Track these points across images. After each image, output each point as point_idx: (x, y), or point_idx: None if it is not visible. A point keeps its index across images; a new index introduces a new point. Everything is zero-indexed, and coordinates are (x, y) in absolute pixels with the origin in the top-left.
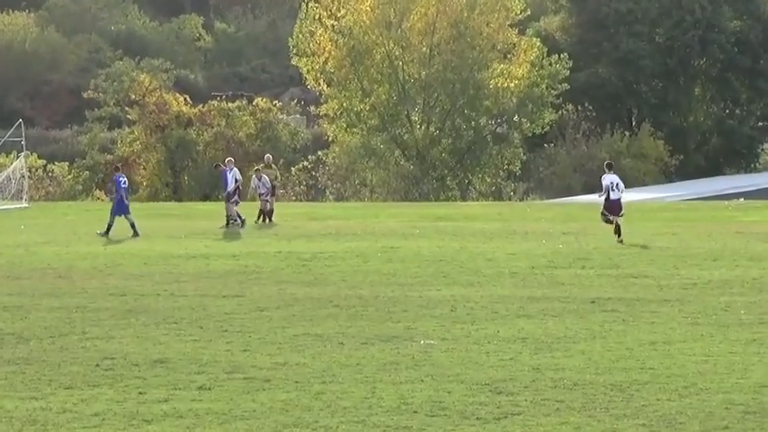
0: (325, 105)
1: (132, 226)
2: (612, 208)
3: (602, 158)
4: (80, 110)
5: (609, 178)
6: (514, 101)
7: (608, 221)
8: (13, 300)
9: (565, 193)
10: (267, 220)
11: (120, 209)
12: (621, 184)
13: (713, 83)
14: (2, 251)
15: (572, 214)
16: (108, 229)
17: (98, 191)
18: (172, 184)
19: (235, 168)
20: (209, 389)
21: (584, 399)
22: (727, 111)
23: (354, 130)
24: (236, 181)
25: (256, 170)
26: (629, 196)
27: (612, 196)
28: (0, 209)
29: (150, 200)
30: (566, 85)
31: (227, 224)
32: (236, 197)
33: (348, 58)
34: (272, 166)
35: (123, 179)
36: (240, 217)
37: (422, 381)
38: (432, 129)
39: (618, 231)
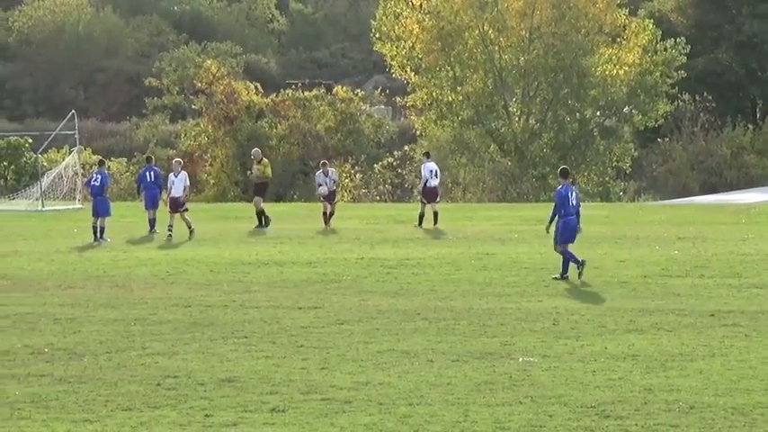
0: (412, 95)
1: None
2: (429, 194)
3: (723, 155)
4: (139, 100)
5: (428, 166)
6: (624, 90)
7: (422, 214)
8: (65, 311)
9: (681, 194)
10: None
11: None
12: (439, 171)
13: None
14: (53, 257)
15: (689, 217)
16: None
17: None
18: (241, 183)
19: (183, 171)
20: (283, 411)
21: (702, 423)
22: None
23: (445, 122)
24: (185, 187)
25: (323, 163)
26: (752, 197)
27: (430, 183)
28: (51, 210)
29: (217, 200)
30: (682, 73)
31: (192, 232)
32: (184, 206)
33: (437, 41)
34: (263, 160)
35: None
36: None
37: (520, 403)
38: (531, 121)
39: (420, 220)
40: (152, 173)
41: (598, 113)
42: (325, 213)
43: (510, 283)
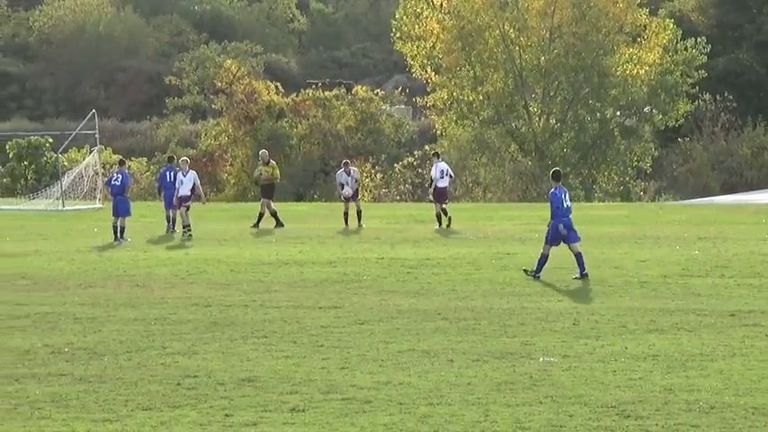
0: (432, 95)
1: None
2: (438, 195)
3: (744, 155)
4: (159, 99)
5: (439, 167)
6: (645, 90)
7: (438, 214)
8: (85, 310)
9: (701, 194)
10: (358, 223)
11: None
12: (451, 171)
13: None
14: (73, 257)
15: (709, 217)
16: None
17: None
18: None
19: (191, 171)
20: (303, 411)
21: (722, 423)
22: None
23: (465, 122)
24: (195, 186)
25: (345, 163)
26: None
27: (440, 184)
28: (71, 209)
29: (237, 200)
30: (702, 73)
31: (187, 232)
32: (188, 203)
33: (458, 41)
34: (271, 162)
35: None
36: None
37: (540, 402)
38: (552, 121)
39: (439, 219)
40: (172, 173)
41: (618, 113)
42: (346, 213)
43: (530, 283)
